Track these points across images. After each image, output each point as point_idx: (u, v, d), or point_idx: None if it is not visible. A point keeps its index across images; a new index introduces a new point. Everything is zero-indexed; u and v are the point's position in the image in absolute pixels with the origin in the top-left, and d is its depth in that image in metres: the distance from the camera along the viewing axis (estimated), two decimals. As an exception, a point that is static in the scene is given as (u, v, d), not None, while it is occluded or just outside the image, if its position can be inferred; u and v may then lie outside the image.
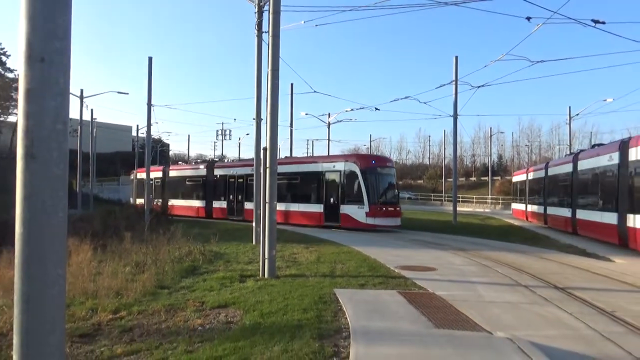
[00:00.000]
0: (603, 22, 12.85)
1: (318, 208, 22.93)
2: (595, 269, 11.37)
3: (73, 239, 11.62)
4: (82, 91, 36.40)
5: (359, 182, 21.34)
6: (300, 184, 24.35)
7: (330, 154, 38.38)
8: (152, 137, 35.07)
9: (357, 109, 36.99)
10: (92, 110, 39.22)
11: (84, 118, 37.32)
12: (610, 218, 15.54)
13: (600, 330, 6.12)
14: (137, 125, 51.69)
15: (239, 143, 71.17)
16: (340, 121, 41.93)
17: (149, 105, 23.92)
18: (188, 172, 33.09)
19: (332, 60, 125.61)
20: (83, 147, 37.30)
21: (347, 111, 36.79)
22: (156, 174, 33.45)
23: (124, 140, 70.85)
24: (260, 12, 15.70)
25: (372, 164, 22.31)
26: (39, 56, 2.52)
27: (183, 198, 32.53)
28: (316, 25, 17.20)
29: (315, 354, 5.09)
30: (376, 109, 29.66)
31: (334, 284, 8.82)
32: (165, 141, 73.20)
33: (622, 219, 14.64)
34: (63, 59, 2.59)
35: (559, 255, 14.12)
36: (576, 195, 19.73)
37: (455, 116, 25.90)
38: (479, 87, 24.55)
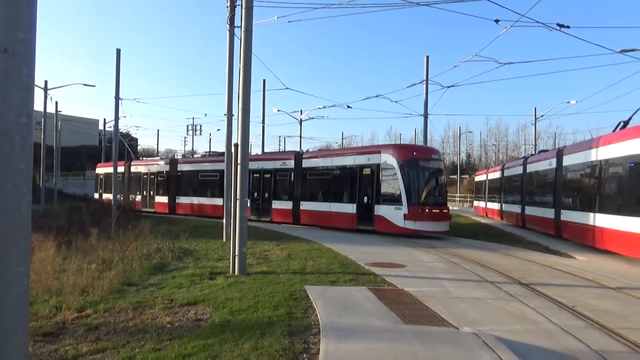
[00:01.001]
0: (568, 26, 13.27)
1: (350, 209, 19.84)
2: (558, 265, 11.76)
3: (36, 235, 11.29)
4: (46, 82, 35.25)
5: (396, 177, 18.12)
6: (331, 180, 21.52)
7: (360, 146, 35.52)
8: (120, 131, 34.25)
9: (329, 107, 36.95)
10: (56, 102, 37.84)
11: (48, 111, 36.17)
12: (549, 213, 18.21)
13: (562, 324, 6.33)
14: (105, 119, 50.43)
15: (210, 139, 70.43)
16: (312, 118, 41.85)
17: (117, 98, 23.34)
18: (153, 168, 32.55)
19: (305, 57, 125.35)
20: (48, 140, 36.11)
21: (319, 108, 36.80)
22: (120, 169, 32.57)
23: (91, 134, 68.92)
24: (232, 7, 15.53)
25: (412, 155, 18.81)
26: (2, 47, 2.44)
27: (147, 193, 32.02)
28: (289, 22, 17.17)
29: (285, 350, 5.10)
30: (348, 106, 29.73)
31: (304, 281, 8.85)
32: (134, 135, 71.73)
33: (558, 214, 17.25)
34: (27, 50, 2.52)
35: (524, 252, 14.56)
36: (525, 194, 22.38)
37: (425, 115, 26.26)
38: (449, 87, 24.97)
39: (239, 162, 10.13)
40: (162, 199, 30.99)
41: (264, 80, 33.37)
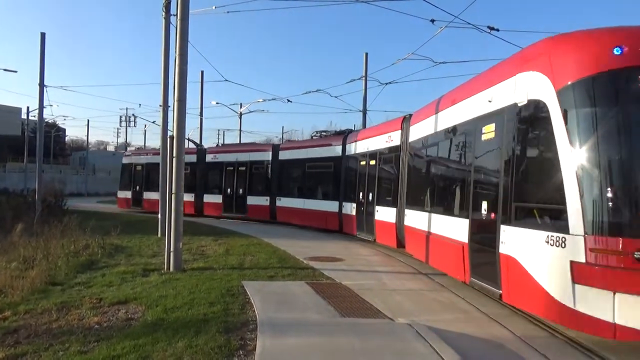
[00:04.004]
0: (497, 29, 13.87)
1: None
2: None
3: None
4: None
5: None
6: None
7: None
8: (46, 121, 32.16)
9: (269, 100, 36.72)
10: (-28, 88, 34.93)
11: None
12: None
13: (489, 312, 6.68)
14: (28, 108, 47.02)
15: (145, 130, 67.81)
16: (253, 112, 41.52)
17: (42, 85, 21.86)
18: (253, 156, 23.67)
19: (245, 50, 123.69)
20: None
21: (259, 102, 36.40)
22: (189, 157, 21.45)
23: (12, 123, 64.16)
24: (168, -7, 14.95)
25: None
26: None
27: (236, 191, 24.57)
28: (227, 12, 16.62)
29: (220, 348, 5.00)
30: (288, 100, 29.57)
31: (242, 277, 8.73)
32: (61, 125, 67.73)
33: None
34: None
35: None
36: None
37: (364, 111, 26.64)
38: (387, 83, 25.42)
39: (174, 154, 9.81)
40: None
41: (202, 72, 32.72)
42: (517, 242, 6.02)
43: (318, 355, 4.86)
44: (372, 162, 14.19)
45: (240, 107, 39.72)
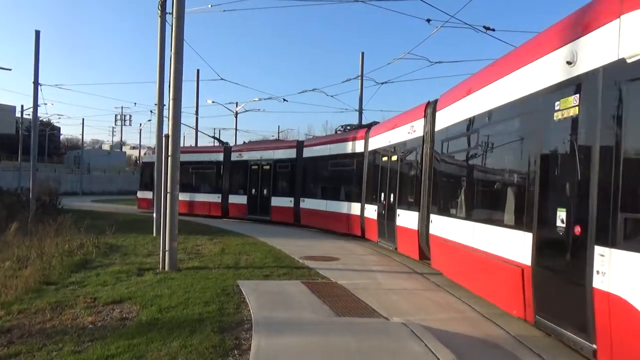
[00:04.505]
0: (493, 29, 13.90)
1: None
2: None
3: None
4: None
5: None
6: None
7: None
8: (40, 119, 31.99)
9: (265, 99, 36.78)
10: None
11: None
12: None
13: (483, 312, 6.69)
14: (22, 106, 46.79)
15: (140, 129, 67.61)
16: (248, 111, 41.35)
17: (36, 84, 21.73)
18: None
19: (241, 49, 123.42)
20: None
21: (255, 101, 36.36)
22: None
23: (6, 121, 63.79)
24: (164, -8, 14.90)
25: None
26: None
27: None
28: (224, 11, 16.66)
29: (215, 347, 4.98)
30: (284, 99, 29.57)
31: (237, 276, 8.71)
32: (56, 124, 67.36)
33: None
34: None
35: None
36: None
37: (360, 110, 26.64)
38: (383, 83, 25.41)
39: (169, 153, 9.77)
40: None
41: (198, 70, 32.52)
42: (628, 274, 3.95)
43: (313, 354, 4.85)
44: (394, 158, 12.50)
45: (236, 106, 39.70)
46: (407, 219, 11.05)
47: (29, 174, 24.74)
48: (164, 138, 10.51)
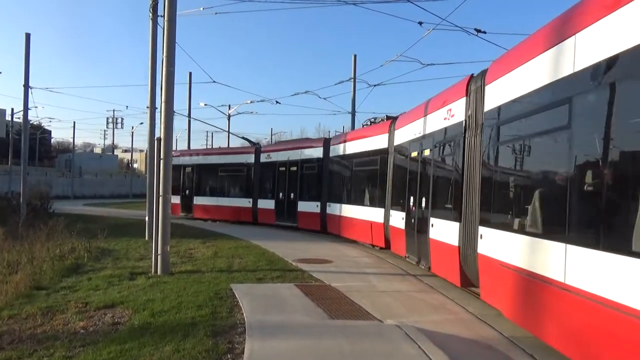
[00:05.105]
0: (484, 32, 14.00)
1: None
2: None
3: None
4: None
5: None
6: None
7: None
8: (31, 122, 31.73)
9: (258, 102, 36.81)
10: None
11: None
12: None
13: (477, 313, 6.71)
14: (12, 109, 46.43)
15: (132, 132, 67.27)
16: (241, 113, 41.47)
17: (26, 87, 21.55)
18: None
19: (234, 51, 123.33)
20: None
21: (247, 103, 36.34)
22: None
23: (-4, 125, 63.34)
24: (155, -6, 14.85)
25: None
26: None
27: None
28: (216, 13, 16.72)
29: (208, 351, 4.96)
30: (277, 102, 29.52)
31: (230, 279, 8.68)
32: (47, 127, 66.92)
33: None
34: None
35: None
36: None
37: (353, 112, 26.67)
38: (376, 85, 25.47)
39: (162, 156, 9.73)
40: None
41: (190, 73, 32.39)
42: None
43: (307, 357, 4.85)
44: (426, 153, 9.98)
45: (229, 108, 39.57)
46: (443, 230, 8.47)
47: (19, 177, 24.56)
48: (156, 141, 10.47)
